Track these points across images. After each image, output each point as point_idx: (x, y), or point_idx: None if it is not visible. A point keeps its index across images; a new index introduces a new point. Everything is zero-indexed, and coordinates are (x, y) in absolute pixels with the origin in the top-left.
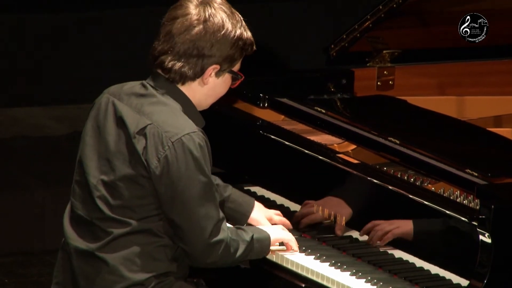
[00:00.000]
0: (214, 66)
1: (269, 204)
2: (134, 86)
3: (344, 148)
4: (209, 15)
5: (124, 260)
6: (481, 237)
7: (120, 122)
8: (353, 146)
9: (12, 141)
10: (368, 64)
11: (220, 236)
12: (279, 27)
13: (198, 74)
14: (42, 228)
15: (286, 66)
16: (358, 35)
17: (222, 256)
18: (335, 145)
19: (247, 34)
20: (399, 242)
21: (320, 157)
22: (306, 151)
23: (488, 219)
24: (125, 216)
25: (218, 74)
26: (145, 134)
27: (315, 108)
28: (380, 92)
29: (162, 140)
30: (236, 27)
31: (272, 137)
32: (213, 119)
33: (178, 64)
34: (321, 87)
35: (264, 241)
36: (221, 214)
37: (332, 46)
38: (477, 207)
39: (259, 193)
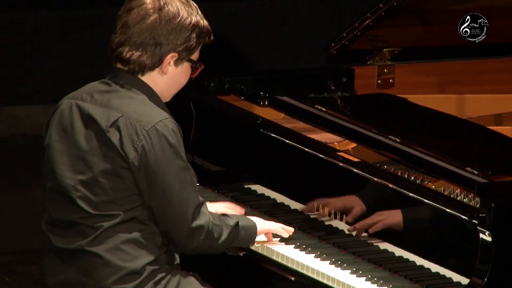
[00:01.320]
0: (172, 54)
1: (269, 202)
2: (94, 85)
3: (344, 146)
4: (164, 4)
5: (115, 250)
6: (481, 235)
7: (89, 120)
8: (354, 145)
9: (12, 139)
10: (368, 63)
11: (202, 220)
12: (279, 25)
13: (157, 63)
14: None
15: (286, 65)
16: (358, 33)
17: (205, 241)
18: (335, 143)
19: (204, 22)
20: (400, 241)
21: (321, 156)
22: (307, 150)
23: (488, 217)
24: (110, 210)
25: (177, 63)
26: (118, 127)
27: (316, 106)
28: (381, 90)
29: (136, 130)
30: (191, 14)
31: (273, 135)
32: (214, 117)
33: (136, 54)
34: (322, 86)
35: (250, 229)
36: (201, 198)
37: (333, 44)
38: (478, 206)
39: (259, 192)
